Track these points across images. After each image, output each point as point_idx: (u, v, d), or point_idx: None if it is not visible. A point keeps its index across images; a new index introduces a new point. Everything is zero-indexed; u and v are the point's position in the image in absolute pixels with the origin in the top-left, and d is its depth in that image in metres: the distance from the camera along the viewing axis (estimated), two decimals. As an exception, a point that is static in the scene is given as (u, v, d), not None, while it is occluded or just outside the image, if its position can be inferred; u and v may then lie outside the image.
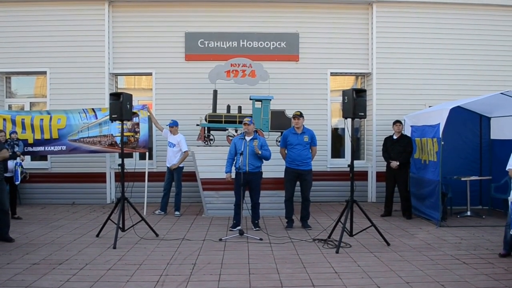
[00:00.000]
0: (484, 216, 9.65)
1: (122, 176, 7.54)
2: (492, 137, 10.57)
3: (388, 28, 11.55)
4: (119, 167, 7.62)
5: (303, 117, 8.40)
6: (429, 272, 5.86)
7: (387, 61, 11.54)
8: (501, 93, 8.77)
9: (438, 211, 8.67)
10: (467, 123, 10.59)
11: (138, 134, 10.14)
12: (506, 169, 6.79)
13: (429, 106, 10.91)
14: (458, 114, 10.00)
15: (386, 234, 7.81)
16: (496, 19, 11.81)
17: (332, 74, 11.73)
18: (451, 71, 11.64)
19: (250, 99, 9.94)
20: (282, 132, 9.30)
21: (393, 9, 11.58)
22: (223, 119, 9.93)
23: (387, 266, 6.13)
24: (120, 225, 7.48)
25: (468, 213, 9.75)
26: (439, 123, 8.62)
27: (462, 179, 9.68)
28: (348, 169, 7.40)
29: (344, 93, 7.38)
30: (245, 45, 11.44)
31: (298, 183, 8.50)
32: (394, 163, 9.48)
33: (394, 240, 7.59)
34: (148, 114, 10.23)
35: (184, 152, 9.69)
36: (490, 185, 10.16)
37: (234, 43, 11.44)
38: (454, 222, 9.12)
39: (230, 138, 9.72)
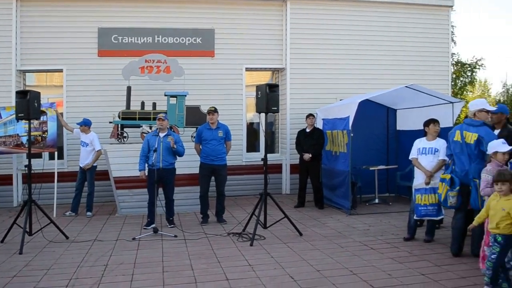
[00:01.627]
0: (391, 203, 10.05)
1: (29, 178, 7.06)
2: (398, 128, 10.95)
3: (302, 25, 11.65)
4: (26, 168, 7.15)
5: (217, 112, 8.31)
6: (339, 259, 5.97)
7: (300, 56, 11.62)
8: (406, 87, 9.08)
9: (348, 200, 8.90)
10: (375, 115, 10.93)
11: (46, 133, 9.59)
12: (409, 158, 7.14)
13: (340, 100, 11.09)
14: (367, 107, 10.15)
15: (299, 224, 7.89)
16: (402, 16, 12.26)
17: (248, 69, 11.70)
18: (362, 66, 11.94)
19: (165, 95, 9.71)
20: (197, 128, 9.17)
21: (307, 6, 11.71)
22: (137, 116, 9.63)
23: (299, 255, 6.18)
24: (27, 229, 7.02)
25: (376, 200, 10.09)
26: (348, 116, 8.77)
27: (371, 168, 10.05)
28: (262, 162, 7.44)
29: (258, 88, 7.39)
30: (160, 41, 11.15)
31: (213, 178, 8.41)
32: (307, 156, 9.60)
33: (306, 230, 7.68)
34: (56, 113, 9.70)
35: (97, 151, 9.29)
36: (396, 174, 10.56)
37: (149, 38, 11.12)
38: (363, 210, 9.37)
39: (144, 134, 9.44)
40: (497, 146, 5.33)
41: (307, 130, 9.90)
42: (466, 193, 5.98)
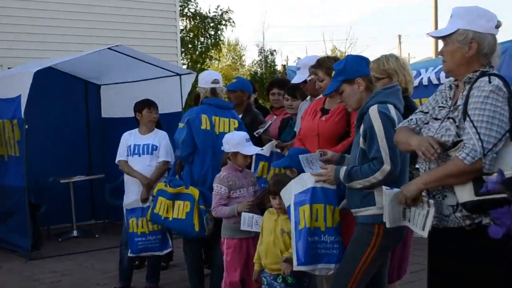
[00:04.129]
0: (97, 235, 10.07)
1: None
2: (104, 114, 11.14)
3: None
4: None
5: None
6: None
7: None
8: (110, 49, 9.21)
9: (28, 236, 8.56)
10: (66, 94, 10.84)
11: None
12: (116, 161, 7.18)
13: (9, 69, 10.93)
14: (52, 81, 10.12)
15: None
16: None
17: None
18: (44, 21, 11.96)
19: None
20: None
21: None
22: None
23: None
24: None
25: (75, 233, 9.97)
26: (19, 95, 8.48)
27: (62, 181, 9.85)
28: None
29: None
30: None
31: None
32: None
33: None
34: None
35: None
36: (104, 187, 10.64)
37: None
38: (54, 249, 9.21)
39: None
40: (239, 144, 5.58)
41: None
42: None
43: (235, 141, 5.59)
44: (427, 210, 3.33)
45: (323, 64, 5.09)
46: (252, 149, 5.64)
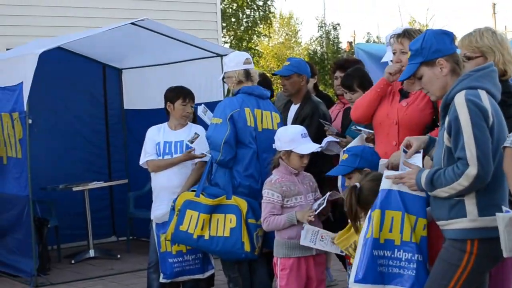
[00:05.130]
0: (119, 256, 10.16)
1: None
2: (127, 106, 11.25)
3: None
4: None
5: None
6: None
7: None
8: (133, 24, 9.21)
9: (32, 257, 8.51)
10: (79, 80, 10.91)
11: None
12: (140, 163, 7.22)
13: (8, 50, 11.15)
14: (62, 64, 10.28)
15: None
16: None
17: None
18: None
19: None
20: None
21: None
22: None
23: None
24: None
25: (91, 253, 10.00)
26: (21, 83, 8.49)
27: (75, 189, 9.82)
28: None
29: None
30: None
31: None
32: None
33: None
34: None
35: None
36: (128, 196, 10.66)
37: None
38: (65, 273, 9.31)
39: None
40: (293, 141, 5.63)
41: None
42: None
43: (288, 137, 5.68)
44: None
45: (412, 34, 5.14)
46: (308, 147, 5.65)
